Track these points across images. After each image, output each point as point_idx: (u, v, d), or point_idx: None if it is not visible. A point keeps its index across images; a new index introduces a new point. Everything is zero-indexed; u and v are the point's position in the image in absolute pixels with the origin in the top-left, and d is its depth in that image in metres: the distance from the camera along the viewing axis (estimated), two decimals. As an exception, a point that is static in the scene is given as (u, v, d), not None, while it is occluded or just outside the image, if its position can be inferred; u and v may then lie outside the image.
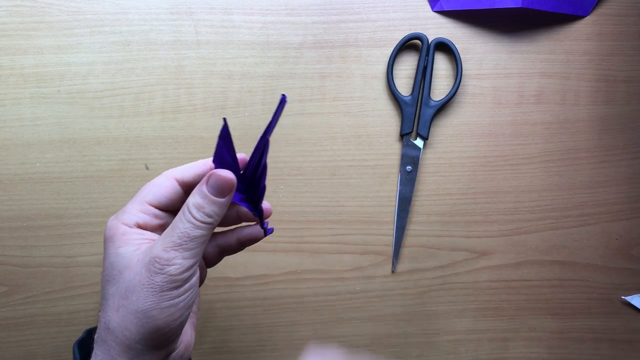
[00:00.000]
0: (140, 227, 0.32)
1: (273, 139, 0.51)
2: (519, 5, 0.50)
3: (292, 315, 0.52)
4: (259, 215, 0.35)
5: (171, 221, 0.33)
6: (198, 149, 0.51)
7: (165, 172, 0.34)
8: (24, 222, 0.50)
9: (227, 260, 0.40)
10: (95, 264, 0.50)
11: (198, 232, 0.30)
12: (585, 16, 0.53)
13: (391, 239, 0.52)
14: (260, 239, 0.37)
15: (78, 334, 0.51)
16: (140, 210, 0.32)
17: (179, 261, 0.29)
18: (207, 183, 0.31)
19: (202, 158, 0.50)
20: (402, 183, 0.52)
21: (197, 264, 0.31)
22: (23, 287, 0.50)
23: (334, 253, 0.52)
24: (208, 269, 0.38)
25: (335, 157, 0.52)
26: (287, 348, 0.52)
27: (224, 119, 0.30)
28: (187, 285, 0.30)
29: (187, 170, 0.33)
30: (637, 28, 0.53)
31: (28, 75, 0.50)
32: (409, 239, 0.52)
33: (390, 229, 0.52)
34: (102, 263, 0.32)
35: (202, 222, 0.30)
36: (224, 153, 0.31)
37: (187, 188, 0.33)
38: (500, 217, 0.53)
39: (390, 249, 0.52)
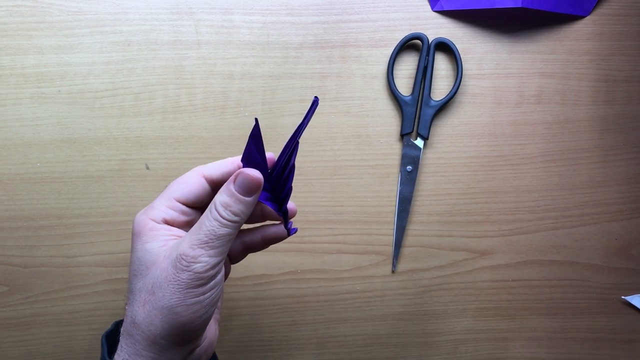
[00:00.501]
0: (168, 223, 0.33)
1: (273, 139, 0.51)
2: (519, 5, 0.50)
3: (292, 315, 0.52)
4: (284, 216, 0.35)
5: (198, 218, 0.33)
6: (198, 149, 0.51)
7: (194, 169, 0.34)
8: (24, 222, 0.50)
9: (228, 260, 0.40)
10: (96, 264, 0.50)
11: (224, 231, 0.30)
12: (585, 16, 0.53)
13: (391, 239, 0.52)
14: (284, 238, 0.37)
15: (78, 333, 0.51)
16: (168, 207, 0.33)
17: (205, 259, 0.30)
18: (234, 181, 0.31)
19: (202, 158, 0.51)
20: (402, 183, 0.52)
21: (223, 262, 0.32)
22: (23, 287, 0.50)
23: (334, 253, 0.52)
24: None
25: (335, 157, 0.52)
26: (287, 348, 0.52)
27: (256, 119, 0.30)
28: (213, 282, 0.31)
29: (216, 168, 0.34)
30: (637, 28, 0.53)
31: (28, 75, 0.50)
32: (409, 239, 0.52)
33: (390, 229, 0.52)
34: (130, 257, 0.32)
35: (229, 220, 0.31)
36: (254, 151, 0.32)
37: (215, 185, 0.34)
38: (500, 217, 0.53)
39: (390, 249, 0.52)
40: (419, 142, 0.52)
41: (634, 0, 0.53)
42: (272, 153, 0.34)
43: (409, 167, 0.52)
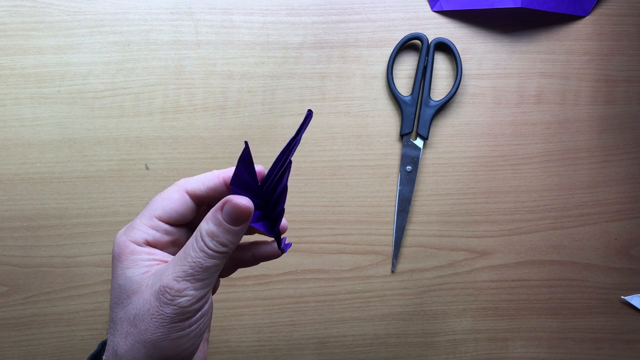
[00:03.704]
0: (150, 244, 0.30)
1: (273, 139, 0.51)
2: (519, 5, 0.50)
3: (292, 315, 0.52)
4: (276, 237, 0.33)
5: (182, 236, 0.32)
6: (198, 149, 0.51)
7: (177, 184, 0.31)
8: (24, 222, 0.50)
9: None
10: (95, 264, 0.50)
11: (211, 262, 0.28)
12: (585, 16, 0.53)
13: (391, 239, 0.52)
14: (278, 256, 0.34)
15: (78, 333, 0.51)
16: (149, 227, 0.30)
17: (191, 292, 0.28)
18: (222, 209, 0.28)
19: (202, 158, 0.51)
20: (402, 183, 0.52)
21: (210, 292, 0.30)
22: (23, 287, 0.50)
23: (333, 253, 0.52)
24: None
25: (335, 157, 0.52)
26: (287, 348, 0.52)
27: (246, 143, 0.28)
28: (199, 314, 0.29)
29: (200, 183, 0.31)
30: (637, 28, 0.53)
31: (28, 75, 0.50)
32: (409, 239, 0.52)
33: (390, 229, 0.52)
34: (111, 281, 0.31)
35: (215, 251, 0.28)
36: (245, 175, 0.29)
37: (199, 201, 0.31)
38: (500, 217, 0.53)
39: (390, 249, 0.52)
40: (419, 142, 0.52)
41: (633, 0, 0.53)
42: (261, 166, 0.31)
43: (408, 167, 0.52)
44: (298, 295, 0.52)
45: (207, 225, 0.28)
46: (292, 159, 0.30)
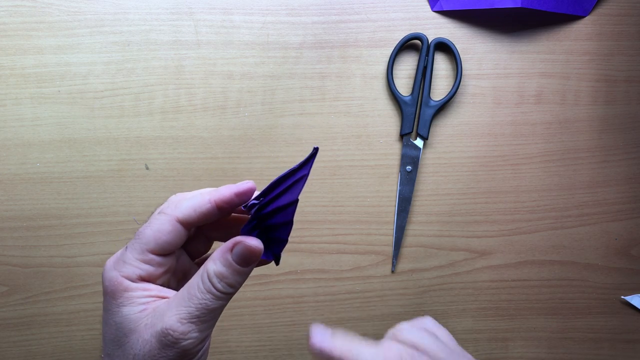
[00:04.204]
0: (144, 279, 0.29)
1: (272, 139, 0.51)
2: (519, 5, 0.50)
3: (292, 315, 0.52)
4: (276, 260, 0.32)
5: (174, 263, 0.30)
6: (198, 149, 0.51)
7: (167, 214, 0.29)
8: (24, 222, 0.50)
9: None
10: (96, 264, 0.50)
11: (218, 304, 0.27)
12: (585, 16, 0.53)
13: (391, 239, 0.52)
14: (268, 263, 0.33)
15: (78, 333, 0.51)
16: (142, 261, 0.29)
17: (195, 334, 0.27)
18: (231, 250, 0.28)
19: (202, 158, 0.51)
20: (402, 183, 0.52)
21: (212, 331, 0.29)
22: (23, 287, 0.50)
23: (333, 253, 0.52)
24: None
25: (335, 157, 0.52)
26: (287, 348, 0.52)
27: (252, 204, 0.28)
28: (200, 353, 0.28)
29: (192, 210, 0.29)
30: (637, 28, 0.53)
31: (28, 75, 0.50)
32: (408, 239, 0.52)
33: (390, 229, 0.52)
34: (103, 316, 0.29)
35: (224, 292, 0.28)
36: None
37: (190, 227, 0.30)
38: (500, 217, 0.53)
39: (390, 249, 0.52)
40: (419, 142, 0.52)
41: (633, 0, 0.53)
42: (251, 182, 0.30)
43: (408, 167, 0.52)
44: (298, 295, 0.52)
45: (215, 266, 0.28)
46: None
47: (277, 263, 0.32)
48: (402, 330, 0.34)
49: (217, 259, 0.28)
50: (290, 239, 0.51)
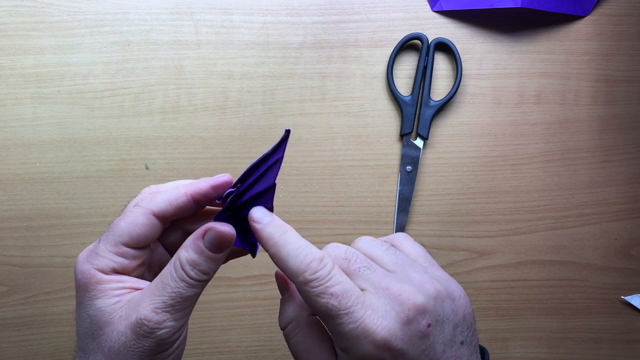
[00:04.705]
0: (118, 272, 0.29)
1: (272, 139, 0.51)
2: (519, 5, 0.50)
3: (292, 315, 0.52)
4: (251, 250, 0.32)
5: (148, 255, 0.30)
6: (198, 149, 0.51)
7: (141, 205, 0.29)
8: (24, 222, 0.50)
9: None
10: (95, 264, 0.50)
11: (192, 291, 0.27)
12: (585, 16, 0.53)
13: (391, 239, 0.52)
14: (246, 254, 0.33)
15: (78, 334, 0.51)
16: (116, 254, 0.28)
17: (170, 323, 0.27)
18: (203, 237, 0.27)
19: (202, 158, 0.51)
20: (402, 183, 0.52)
21: (188, 319, 0.29)
22: (23, 287, 0.50)
23: (334, 253, 0.52)
24: None
25: (335, 157, 0.52)
26: (287, 348, 0.52)
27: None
28: (177, 343, 0.28)
29: (168, 204, 0.29)
30: (637, 28, 0.53)
31: (28, 75, 0.50)
32: (409, 239, 0.52)
33: (390, 229, 0.52)
34: (75, 309, 0.29)
35: (197, 280, 0.27)
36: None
37: (166, 220, 0.30)
38: (500, 217, 0.53)
39: (390, 249, 0.52)
40: (419, 142, 0.52)
41: (633, 0, 0.53)
42: (228, 175, 0.30)
43: (408, 167, 0.52)
44: (298, 295, 0.52)
45: (187, 253, 0.27)
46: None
47: (253, 255, 0.32)
48: (360, 239, 0.32)
49: (189, 247, 0.27)
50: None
